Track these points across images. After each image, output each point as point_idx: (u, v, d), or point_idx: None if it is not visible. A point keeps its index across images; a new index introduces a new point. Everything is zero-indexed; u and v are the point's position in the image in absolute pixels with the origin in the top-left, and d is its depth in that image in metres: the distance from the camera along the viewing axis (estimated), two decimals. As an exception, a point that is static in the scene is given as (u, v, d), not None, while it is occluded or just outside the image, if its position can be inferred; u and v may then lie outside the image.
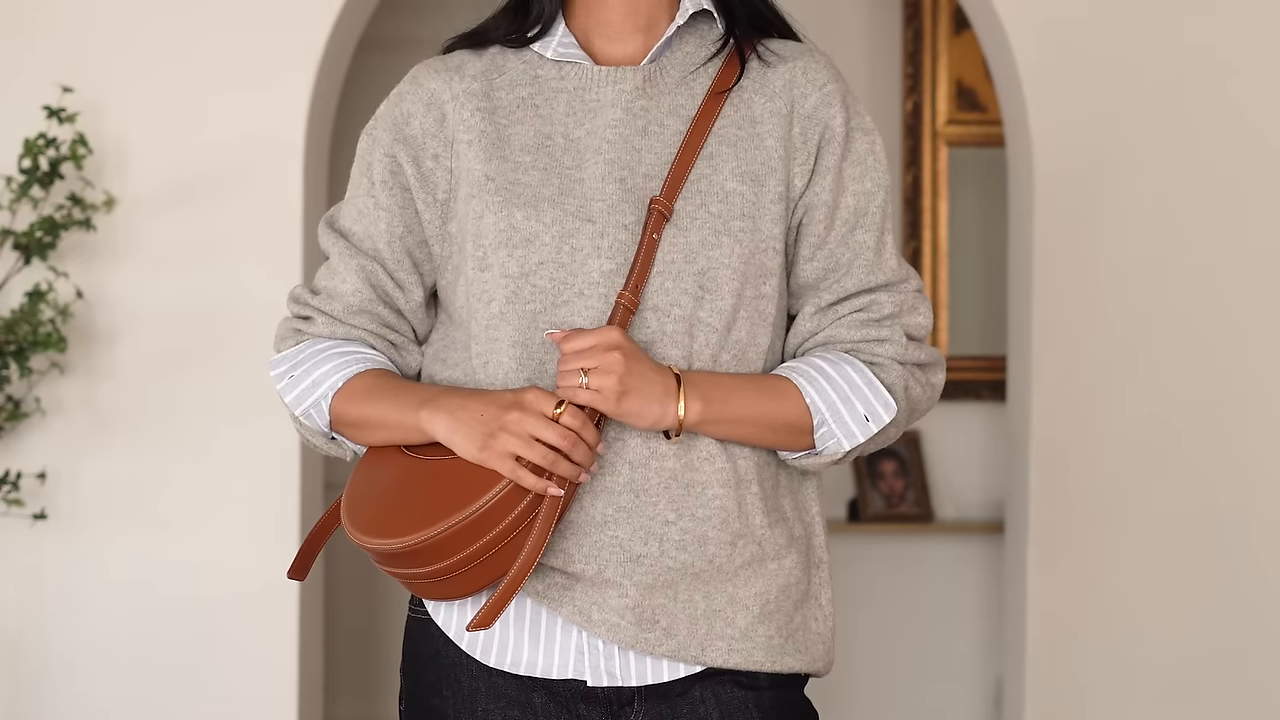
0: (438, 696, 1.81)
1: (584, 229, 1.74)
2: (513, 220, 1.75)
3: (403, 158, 1.82)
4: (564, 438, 1.67)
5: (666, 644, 1.75)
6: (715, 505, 1.75)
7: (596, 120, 1.79)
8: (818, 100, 1.82)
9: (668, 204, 1.75)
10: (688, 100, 1.80)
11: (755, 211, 1.77)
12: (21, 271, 3.43)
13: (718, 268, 1.75)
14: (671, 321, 1.74)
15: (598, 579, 1.74)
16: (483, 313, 1.76)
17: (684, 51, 1.84)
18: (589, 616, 1.74)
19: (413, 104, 1.83)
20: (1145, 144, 3.62)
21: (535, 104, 1.81)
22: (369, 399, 1.79)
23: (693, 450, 1.75)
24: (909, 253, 4.86)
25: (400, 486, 1.74)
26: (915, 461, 4.85)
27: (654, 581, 1.74)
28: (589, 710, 1.77)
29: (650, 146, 1.78)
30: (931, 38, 4.86)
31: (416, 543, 1.68)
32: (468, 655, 1.79)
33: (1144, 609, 3.63)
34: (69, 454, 3.52)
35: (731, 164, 1.78)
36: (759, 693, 1.78)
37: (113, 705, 3.52)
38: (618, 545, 1.73)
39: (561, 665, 1.77)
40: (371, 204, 1.84)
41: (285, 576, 1.91)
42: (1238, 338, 3.62)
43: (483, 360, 1.77)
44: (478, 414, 1.70)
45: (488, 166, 1.78)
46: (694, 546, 1.75)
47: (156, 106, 3.54)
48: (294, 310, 1.87)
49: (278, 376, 1.84)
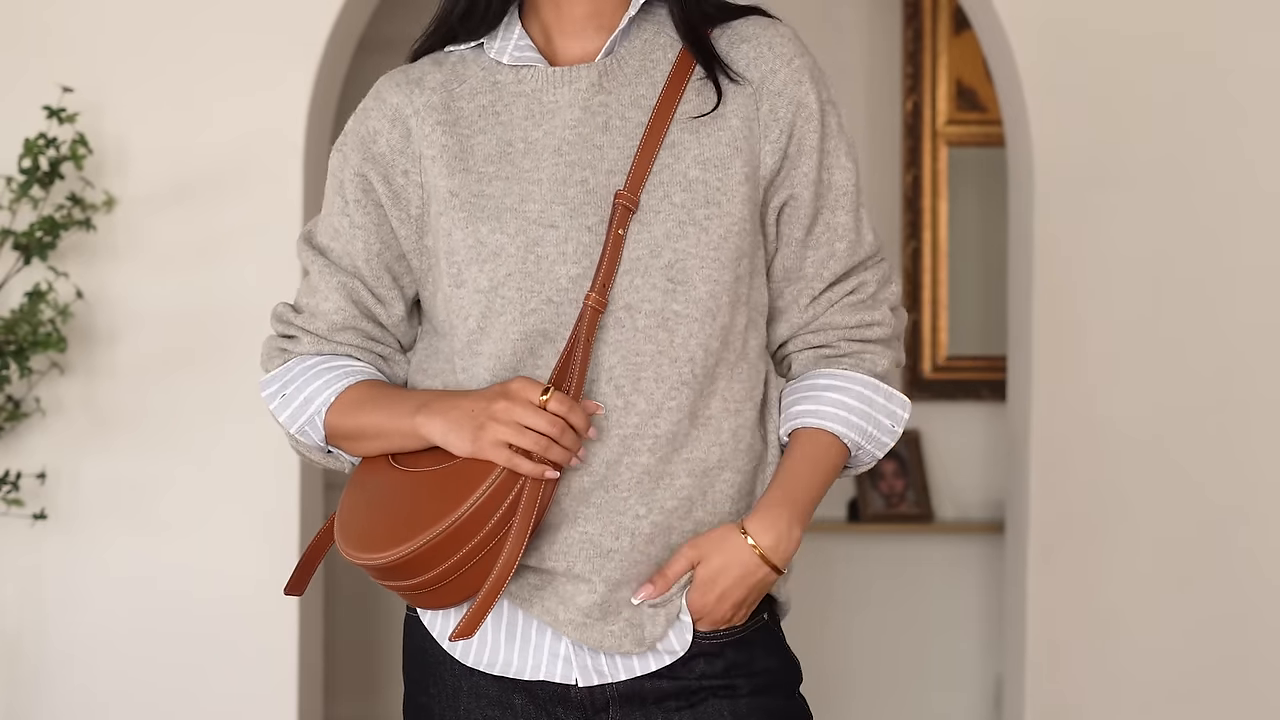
0: (425, 694, 1.83)
1: (547, 235, 1.74)
2: (479, 235, 1.75)
3: (373, 176, 1.82)
4: (552, 424, 1.68)
5: (631, 635, 1.75)
6: (682, 495, 1.76)
7: (554, 121, 1.77)
8: (786, 76, 1.79)
9: (632, 197, 1.73)
10: (648, 90, 1.78)
11: (720, 197, 1.75)
12: (21, 271, 3.43)
13: (685, 259, 1.74)
14: (644, 317, 1.74)
15: (568, 574, 1.74)
16: (462, 329, 1.77)
17: (642, 40, 1.81)
18: (556, 616, 1.75)
19: (378, 121, 1.82)
20: (1145, 144, 3.62)
21: (496, 111, 1.80)
22: (363, 410, 1.79)
23: (669, 444, 1.75)
24: (909, 253, 4.86)
25: (387, 501, 1.75)
26: (915, 461, 4.85)
27: (622, 576, 1.75)
28: (566, 713, 1.78)
29: (612, 142, 1.76)
30: (931, 38, 4.86)
31: (401, 556, 1.68)
32: (450, 655, 1.80)
33: (1144, 609, 3.63)
34: (69, 454, 3.52)
35: (694, 151, 1.76)
36: (736, 700, 1.78)
37: (112, 705, 3.52)
38: (588, 541, 1.74)
39: (535, 666, 1.77)
40: (346, 223, 1.83)
41: (282, 579, 1.91)
42: (1237, 338, 3.62)
43: (467, 375, 1.77)
44: (467, 410, 1.71)
45: (451, 182, 1.77)
46: (661, 538, 1.76)
47: (156, 106, 3.53)
48: (278, 329, 1.87)
49: (269, 397, 1.85)
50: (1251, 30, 3.62)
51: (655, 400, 1.74)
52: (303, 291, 1.86)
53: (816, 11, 4.83)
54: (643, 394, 1.74)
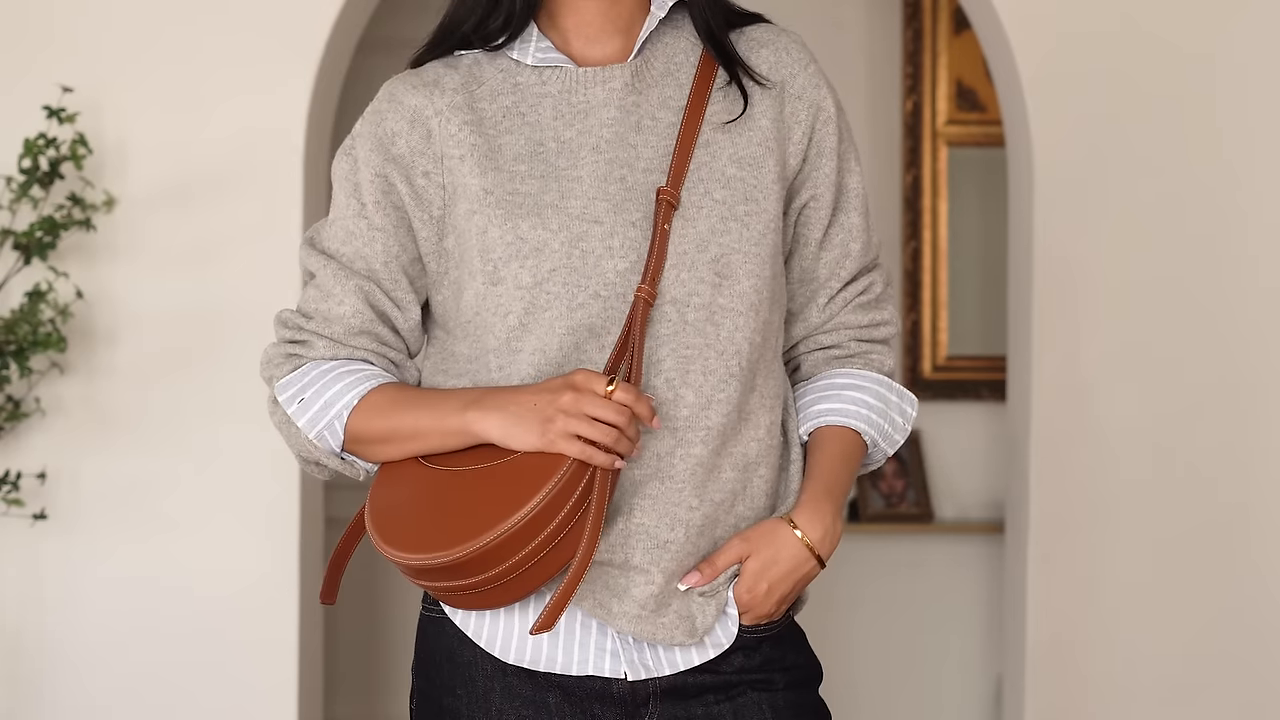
0: (450, 696, 1.81)
1: (592, 231, 1.74)
2: (519, 231, 1.75)
3: (395, 177, 1.80)
4: (620, 414, 1.67)
5: (683, 626, 1.75)
6: (727, 489, 1.78)
7: (589, 120, 1.79)
8: (805, 80, 1.85)
9: (675, 193, 1.75)
10: (675, 91, 1.81)
11: (757, 194, 1.79)
12: (21, 271, 3.43)
13: (730, 253, 1.76)
14: (692, 310, 1.75)
15: (625, 566, 1.74)
16: (499, 326, 1.76)
17: (663, 43, 1.84)
18: (609, 610, 1.75)
19: (396, 122, 1.81)
20: (1145, 144, 3.62)
21: (521, 112, 1.80)
22: (395, 410, 1.77)
23: (720, 437, 1.77)
24: (909, 252, 4.86)
25: (435, 499, 1.73)
26: (915, 461, 4.85)
27: (677, 568, 1.76)
28: (604, 710, 1.77)
29: (646, 141, 1.78)
30: (931, 38, 4.86)
31: (467, 554, 1.66)
32: (484, 654, 1.79)
33: (1144, 609, 3.63)
34: (69, 454, 3.52)
35: (729, 150, 1.79)
36: (774, 694, 1.79)
37: (112, 705, 3.52)
38: (644, 532, 1.74)
39: (582, 662, 1.77)
40: (365, 225, 1.81)
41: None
42: (1238, 337, 3.62)
43: (504, 373, 1.76)
44: (530, 404, 1.70)
45: (484, 180, 1.77)
46: (709, 530, 1.77)
47: (157, 106, 3.53)
48: (285, 335, 1.84)
49: (287, 401, 1.81)
50: (1251, 31, 3.62)
51: (704, 394, 1.75)
52: (311, 297, 1.83)
53: (817, 11, 4.83)
54: (691, 387, 1.75)
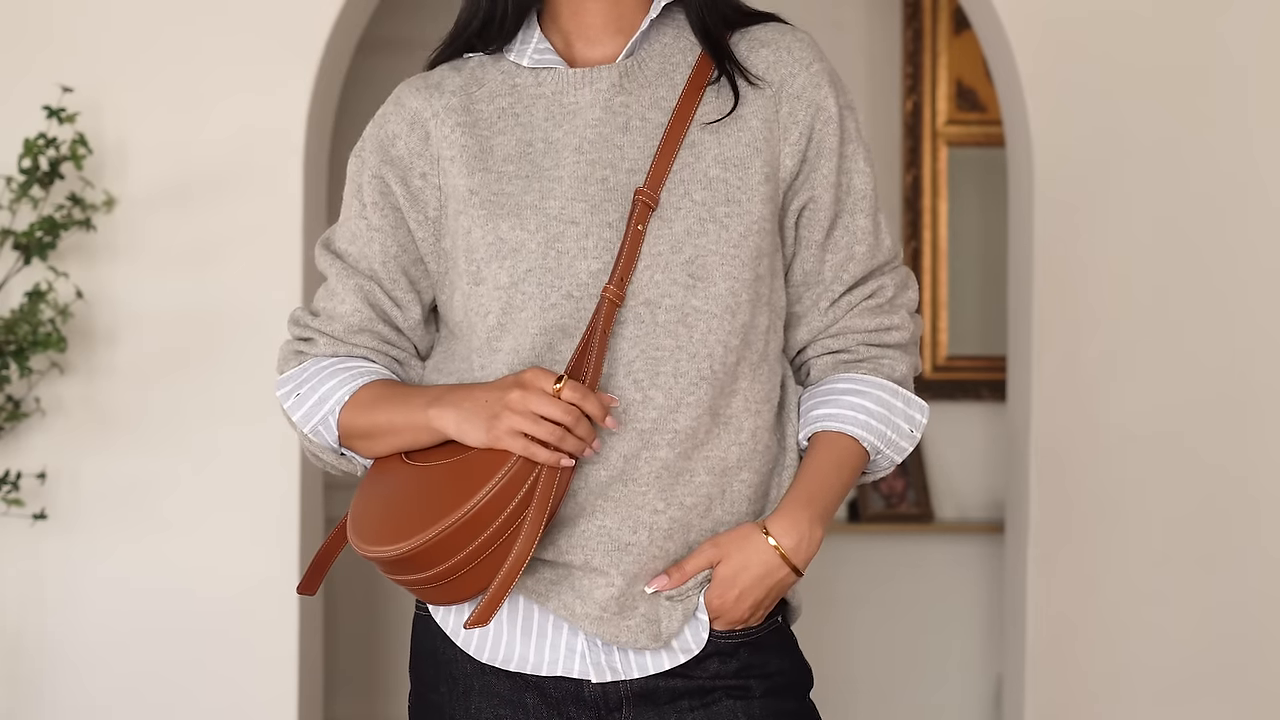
0: (435, 693, 1.83)
1: (568, 231, 1.75)
2: (499, 231, 1.76)
3: (391, 179, 1.84)
4: (567, 413, 1.68)
5: (648, 630, 1.75)
6: (701, 494, 1.77)
7: (575, 121, 1.79)
8: (805, 80, 1.83)
9: (652, 194, 1.75)
10: (668, 92, 1.81)
11: (740, 195, 1.78)
12: (21, 271, 3.43)
13: (706, 255, 1.75)
14: (663, 312, 1.75)
15: (585, 568, 1.75)
16: (481, 326, 1.78)
17: (662, 43, 1.84)
18: (573, 610, 1.76)
19: (397, 125, 1.85)
20: (1145, 144, 3.62)
21: (515, 113, 1.82)
22: (376, 407, 1.80)
23: (689, 440, 1.76)
24: (909, 252, 4.87)
25: (399, 495, 1.76)
26: (915, 461, 4.85)
27: (640, 571, 1.75)
28: (579, 713, 1.78)
29: (632, 142, 1.78)
30: (931, 38, 4.86)
31: (414, 547, 1.68)
32: (464, 653, 1.80)
33: (1144, 608, 3.63)
34: (69, 454, 3.52)
35: (714, 151, 1.78)
36: (749, 701, 1.78)
37: (113, 705, 3.52)
38: (605, 534, 1.74)
39: (551, 662, 1.78)
40: (364, 225, 1.85)
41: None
42: (1238, 337, 3.62)
43: (485, 372, 1.78)
44: (481, 400, 1.72)
45: (470, 180, 1.79)
46: (679, 534, 1.76)
47: (156, 106, 3.54)
48: (294, 333, 1.89)
49: (284, 396, 1.86)
50: (1251, 30, 3.62)
51: (674, 395, 1.75)
52: (321, 296, 1.88)
53: (817, 12, 4.83)
54: (661, 389, 1.74)
